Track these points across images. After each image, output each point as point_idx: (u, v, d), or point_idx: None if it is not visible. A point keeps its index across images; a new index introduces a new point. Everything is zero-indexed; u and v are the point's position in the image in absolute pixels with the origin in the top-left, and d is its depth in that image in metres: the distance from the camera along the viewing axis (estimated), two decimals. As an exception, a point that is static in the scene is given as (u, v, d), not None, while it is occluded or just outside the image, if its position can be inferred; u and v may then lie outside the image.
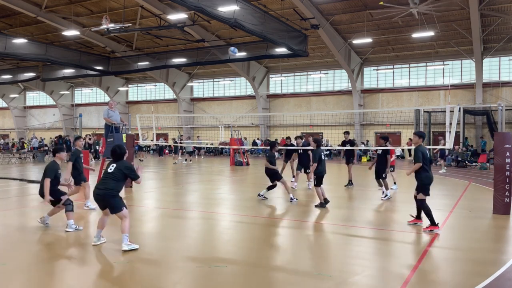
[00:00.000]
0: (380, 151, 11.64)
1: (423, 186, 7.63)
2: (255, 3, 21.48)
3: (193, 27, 26.76)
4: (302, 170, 13.11)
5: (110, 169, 6.45)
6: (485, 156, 23.24)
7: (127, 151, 6.73)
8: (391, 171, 13.51)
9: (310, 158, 12.16)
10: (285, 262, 5.92)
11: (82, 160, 9.62)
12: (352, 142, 14.38)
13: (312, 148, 11.16)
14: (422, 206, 7.64)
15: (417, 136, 7.95)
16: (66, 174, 8.82)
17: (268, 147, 11.26)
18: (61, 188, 7.91)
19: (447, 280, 5.17)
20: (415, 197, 7.81)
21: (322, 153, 10.14)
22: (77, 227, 7.61)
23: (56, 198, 7.69)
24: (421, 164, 7.55)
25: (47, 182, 7.45)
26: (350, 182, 13.75)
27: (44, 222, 7.85)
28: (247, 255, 6.28)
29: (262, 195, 10.95)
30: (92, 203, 9.15)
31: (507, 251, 6.63)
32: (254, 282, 5.13)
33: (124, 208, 6.42)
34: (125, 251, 6.17)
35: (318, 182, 9.95)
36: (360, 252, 6.35)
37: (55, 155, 7.91)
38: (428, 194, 7.64)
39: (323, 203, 9.91)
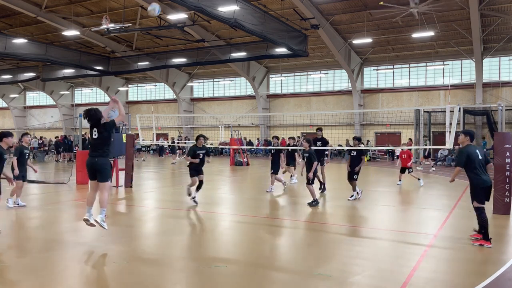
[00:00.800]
0: (355, 152, 11.12)
1: (474, 192, 6.72)
2: (255, 3, 21.47)
3: (193, 27, 26.75)
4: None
5: (95, 134, 6.60)
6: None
7: (102, 114, 6.87)
8: (409, 172, 13.75)
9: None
10: (285, 262, 5.92)
11: (27, 158, 9.91)
12: (324, 141, 12.70)
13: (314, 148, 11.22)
14: (477, 215, 6.73)
15: (463, 135, 7.01)
16: (13, 171, 9.09)
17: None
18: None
19: (447, 280, 5.17)
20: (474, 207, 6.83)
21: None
22: None
23: None
24: (460, 168, 6.79)
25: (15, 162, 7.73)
26: (322, 187, 12.31)
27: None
28: (247, 255, 6.28)
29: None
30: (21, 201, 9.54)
31: (507, 251, 6.63)
32: (254, 282, 5.13)
33: (110, 180, 6.66)
34: (96, 222, 6.56)
35: (312, 181, 10.04)
36: (360, 252, 6.35)
37: (1, 139, 7.70)
38: (482, 202, 6.66)
39: (317, 201, 10.01)
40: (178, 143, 27.36)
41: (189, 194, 10.22)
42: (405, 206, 10.64)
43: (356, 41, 27.12)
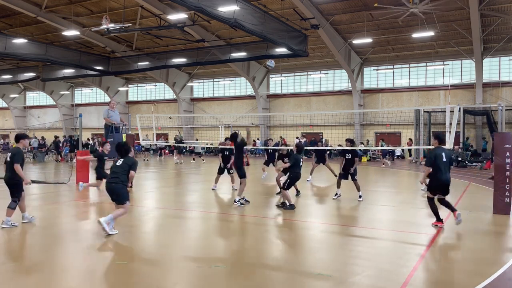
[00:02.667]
0: (350, 155, 11.06)
1: (433, 186, 7.95)
2: (255, 3, 21.48)
3: (193, 27, 26.76)
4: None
5: (119, 163, 7.33)
6: (489, 162, 22.57)
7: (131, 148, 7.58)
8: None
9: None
10: (285, 262, 5.92)
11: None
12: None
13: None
14: (430, 204, 8.00)
15: (433, 138, 8.06)
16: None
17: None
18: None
19: (447, 280, 5.17)
20: (440, 199, 8.00)
21: (301, 159, 9.76)
22: (13, 224, 7.63)
23: (19, 190, 7.62)
24: (429, 168, 7.80)
25: (18, 168, 7.47)
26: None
27: (30, 219, 7.91)
28: (247, 255, 6.28)
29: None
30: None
31: (507, 251, 6.63)
32: (254, 282, 5.13)
33: (127, 202, 7.32)
34: (100, 223, 6.90)
35: (289, 186, 9.66)
36: (360, 252, 6.35)
37: (19, 141, 7.81)
38: (434, 194, 7.97)
39: (292, 205, 9.56)
40: (181, 142, 27.30)
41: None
42: (405, 206, 10.64)
43: (356, 41, 27.12)
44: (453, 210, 7.89)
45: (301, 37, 24.23)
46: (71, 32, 25.71)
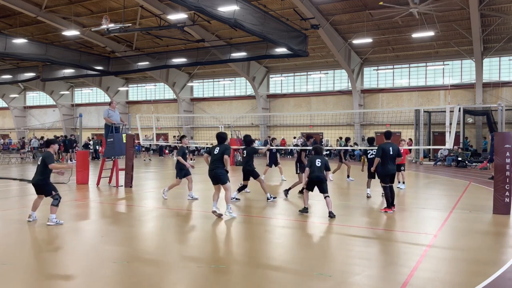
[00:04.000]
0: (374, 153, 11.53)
1: (381, 176, 9.32)
2: (255, 3, 21.47)
3: (193, 27, 26.76)
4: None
5: (216, 151, 8.57)
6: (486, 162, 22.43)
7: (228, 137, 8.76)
8: (401, 170, 13.46)
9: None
10: (285, 262, 5.91)
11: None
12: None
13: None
14: (384, 192, 9.22)
15: (382, 135, 9.53)
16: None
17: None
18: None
19: (447, 280, 5.17)
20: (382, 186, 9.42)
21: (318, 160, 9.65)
22: (58, 221, 7.85)
23: (49, 190, 7.97)
24: (379, 159, 9.20)
25: (54, 165, 7.86)
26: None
27: (56, 223, 7.94)
28: (247, 255, 6.27)
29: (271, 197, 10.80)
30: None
31: (507, 251, 6.63)
32: (254, 282, 5.13)
33: (228, 181, 8.55)
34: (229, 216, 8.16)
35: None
36: (360, 252, 6.35)
37: (49, 146, 8.25)
38: (386, 183, 9.21)
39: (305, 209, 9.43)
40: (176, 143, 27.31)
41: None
42: (405, 206, 10.64)
43: (356, 41, 27.12)
44: (391, 203, 9.11)
45: (301, 37, 24.23)
46: (71, 32, 25.71)
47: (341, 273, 5.41)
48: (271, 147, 14.39)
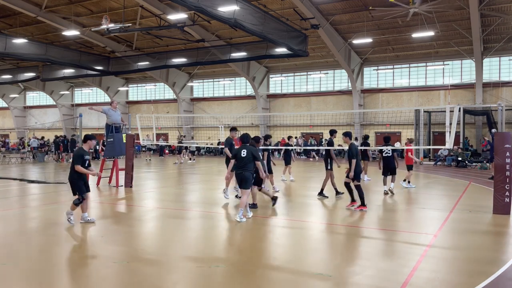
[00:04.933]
0: (390, 151, 12.27)
1: (356, 174, 9.52)
2: (255, 3, 21.47)
3: (193, 27, 26.76)
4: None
5: (243, 154, 8.52)
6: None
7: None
8: (409, 169, 13.76)
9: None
10: (285, 262, 5.91)
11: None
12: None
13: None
14: (358, 190, 9.49)
15: (344, 136, 9.79)
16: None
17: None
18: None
19: (447, 280, 5.17)
20: (346, 183, 9.81)
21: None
22: (70, 220, 7.84)
23: (76, 188, 7.82)
24: (355, 160, 9.44)
25: (80, 168, 7.72)
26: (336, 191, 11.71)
27: (88, 220, 7.93)
28: (247, 255, 6.27)
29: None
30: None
31: (507, 251, 6.63)
32: (253, 282, 5.13)
33: (250, 188, 8.63)
34: (237, 221, 8.14)
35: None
36: (360, 252, 6.35)
37: (86, 141, 8.07)
38: (359, 181, 9.59)
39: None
40: (182, 143, 27.29)
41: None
42: (405, 206, 10.64)
43: (356, 41, 27.12)
44: (353, 199, 9.68)
45: (301, 37, 24.23)
46: (71, 32, 25.71)
47: (341, 273, 5.41)
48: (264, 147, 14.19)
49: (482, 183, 15.11)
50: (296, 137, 31.17)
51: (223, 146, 12.79)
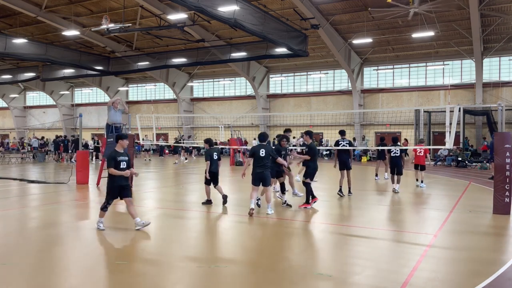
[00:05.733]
0: (398, 151, 12.52)
1: (309, 172, 9.76)
2: (255, 3, 21.46)
3: (193, 27, 26.75)
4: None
5: (262, 153, 8.84)
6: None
7: (268, 136, 9.46)
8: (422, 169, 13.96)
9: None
10: (285, 262, 5.91)
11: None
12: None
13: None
14: (306, 188, 9.70)
15: (305, 135, 10.10)
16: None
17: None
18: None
19: (447, 280, 5.17)
20: (303, 182, 9.89)
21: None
22: (99, 226, 7.46)
23: (108, 192, 7.45)
24: (310, 156, 9.71)
25: (113, 170, 7.28)
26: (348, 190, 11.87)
27: (143, 224, 7.47)
28: (247, 255, 6.28)
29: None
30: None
31: (507, 251, 6.63)
32: (254, 282, 5.13)
33: (270, 185, 9.11)
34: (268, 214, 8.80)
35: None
36: (360, 252, 6.35)
37: (117, 141, 7.59)
38: (311, 179, 9.80)
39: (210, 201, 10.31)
40: (181, 143, 27.29)
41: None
42: (405, 206, 10.64)
43: (356, 41, 27.11)
44: (313, 197, 9.75)
45: (301, 37, 24.22)
46: (71, 32, 25.70)
47: (341, 273, 5.41)
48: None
49: (482, 183, 15.11)
50: (294, 137, 31.13)
51: (222, 146, 12.81)
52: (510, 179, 8.95)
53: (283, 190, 10.30)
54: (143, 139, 18.89)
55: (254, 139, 34.42)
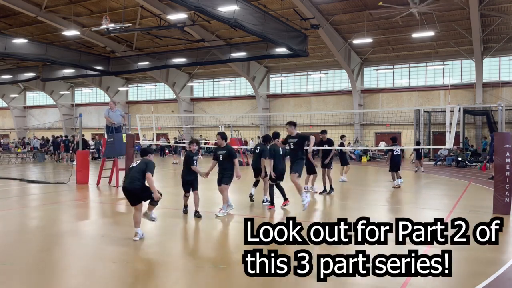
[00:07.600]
0: (399, 150, 13.16)
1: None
2: (255, 3, 21.47)
3: (193, 27, 26.75)
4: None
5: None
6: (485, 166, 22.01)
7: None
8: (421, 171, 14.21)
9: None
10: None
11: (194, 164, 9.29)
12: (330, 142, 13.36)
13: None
14: (271, 189, 9.73)
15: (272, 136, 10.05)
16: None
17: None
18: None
19: (447, 280, 5.16)
20: (277, 185, 9.71)
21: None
22: (137, 234, 7.14)
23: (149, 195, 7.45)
24: (271, 160, 9.46)
25: (149, 176, 7.28)
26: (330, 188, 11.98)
27: (151, 218, 7.41)
28: (247, 255, 6.26)
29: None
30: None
31: (507, 251, 6.63)
32: (254, 282, 5.13)
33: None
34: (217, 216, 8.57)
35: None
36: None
37: (147, 155, 7.59)
38: (281, 179, 9.60)
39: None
40: (180, 143, 27.29)
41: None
42: (405, 206, 10.64)
43: (356, 41, 27.11)
44: (285, 198, 9.52)
45: (301, 37, 24.23)
46: (71, 32, 25.71)
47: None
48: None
49: (482, 183, 15.11)
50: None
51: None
52: (510, 179, 8.95)
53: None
54: (142, 139, 18.85)
55: (252, 139, 34.42)
